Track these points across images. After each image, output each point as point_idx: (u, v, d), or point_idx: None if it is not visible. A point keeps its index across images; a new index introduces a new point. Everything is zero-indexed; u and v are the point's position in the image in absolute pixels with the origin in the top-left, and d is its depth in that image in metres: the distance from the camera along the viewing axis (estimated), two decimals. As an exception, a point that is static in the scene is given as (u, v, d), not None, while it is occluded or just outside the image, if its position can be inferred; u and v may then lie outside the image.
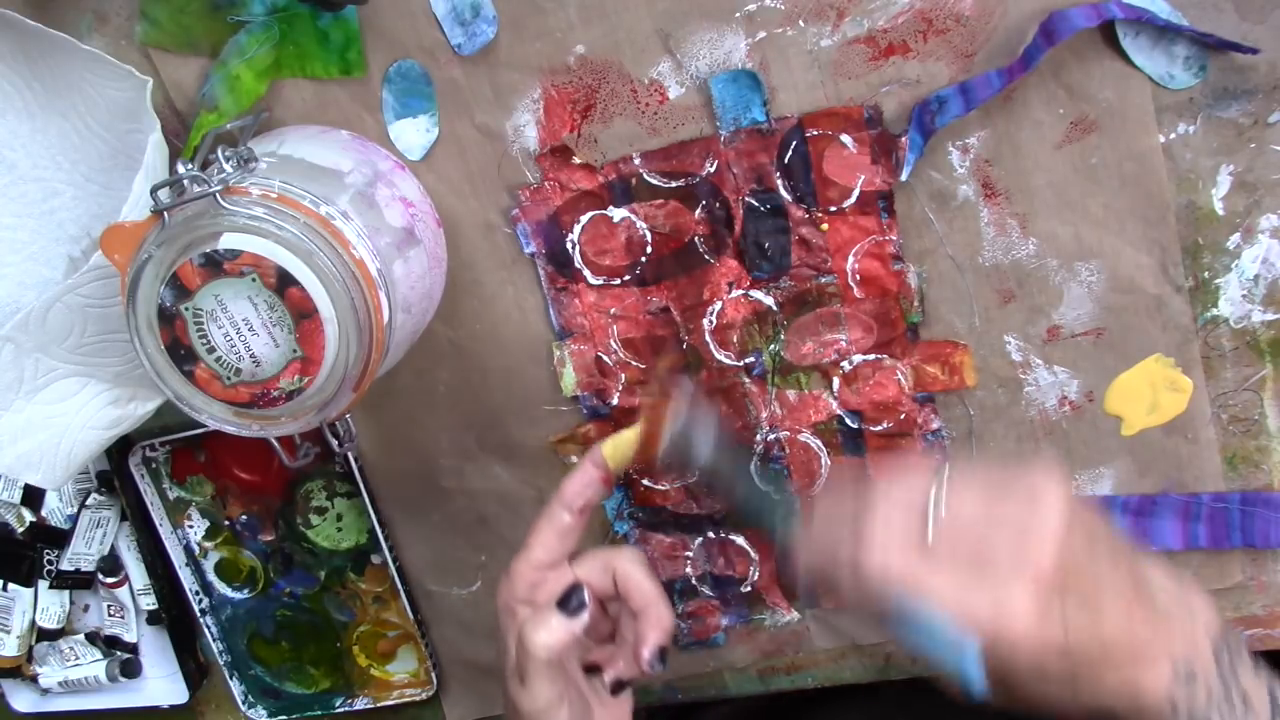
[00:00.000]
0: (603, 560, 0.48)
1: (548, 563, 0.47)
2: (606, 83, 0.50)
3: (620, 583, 0.47)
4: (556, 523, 0.47)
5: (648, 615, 0.47)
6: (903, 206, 0.51)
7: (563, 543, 0.47)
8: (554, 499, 0.47)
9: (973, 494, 0.39)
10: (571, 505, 0.47)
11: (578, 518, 0.47)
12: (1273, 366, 0.50)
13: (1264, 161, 0.47)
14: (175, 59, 0.53)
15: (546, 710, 0.45)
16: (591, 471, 0.47)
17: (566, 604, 0.45)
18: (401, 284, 0.48)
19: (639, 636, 0.47)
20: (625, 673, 0.48)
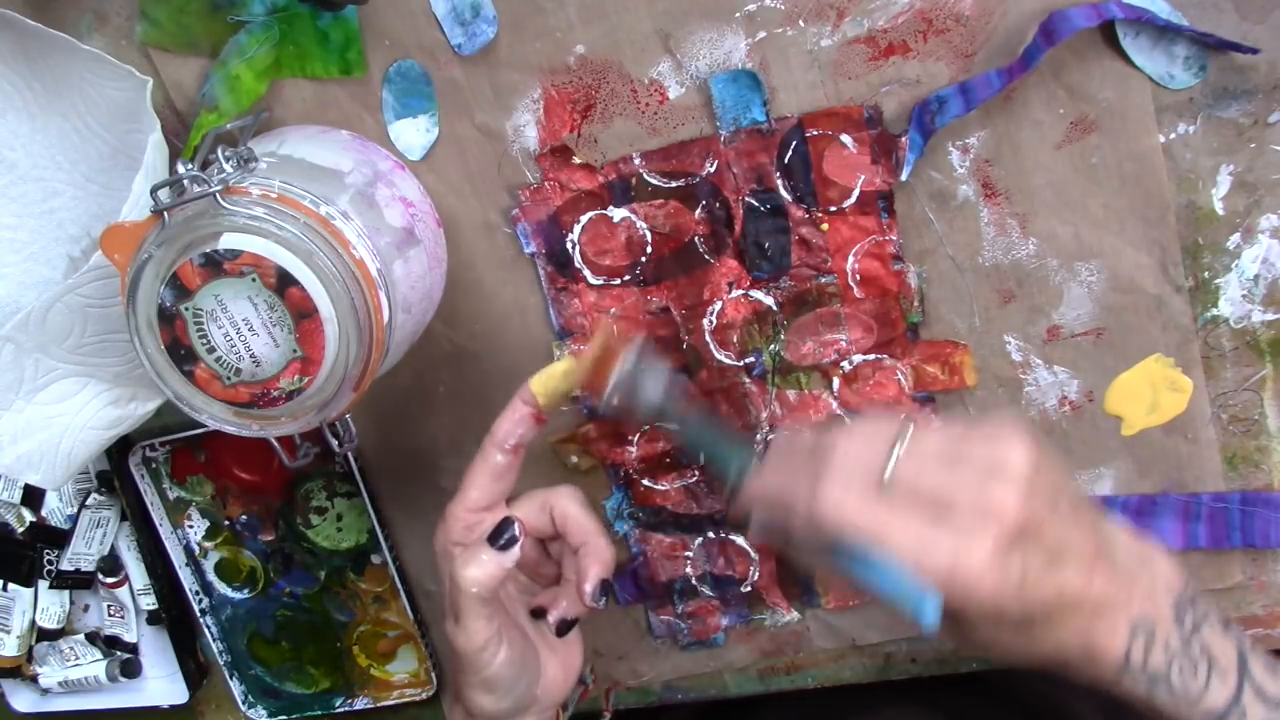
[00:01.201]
0: (540, 500, 0.48)
1: (484, 504, 0.47)
2: (606, 83, 0.50)
3: (559, 520, 0.47)
4: (490, 463, 0.47)
5: (587, 549, 0.46)
6: (903, 206, 0.51)
7: (497, 484, 0.47)
8: (486, 440, 0.47)
9: (936, 440, 0.38)
10: (503, 444, 0.47)
11: (511, 457, 0.47)
12: (1273, 366, 0.50)
13: (1264, 161, 0.47)
14: (175, 59, 0.53)
15: (484, 649, 0.45)
16: (521, 409, 0.47)
17: (497, 538, 0.45)
18: (401, 284, 0.48)
19: (580, 571, 0.46)
20: (569, 612, 0.48)
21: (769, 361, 0.55)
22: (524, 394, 0.47)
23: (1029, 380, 0.52)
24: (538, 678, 0.48)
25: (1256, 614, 0.55)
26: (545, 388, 0.47)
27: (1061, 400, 0.52)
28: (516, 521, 0.45)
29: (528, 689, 0.47)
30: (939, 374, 0.53)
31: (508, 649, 0.45)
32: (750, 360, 0.55)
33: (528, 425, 0.47)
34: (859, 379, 0.54)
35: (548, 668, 0.49)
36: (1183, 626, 0.39)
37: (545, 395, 0.47)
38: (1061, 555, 0.37)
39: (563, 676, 0.49)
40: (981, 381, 0.53)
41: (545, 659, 0.49)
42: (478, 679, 0.46)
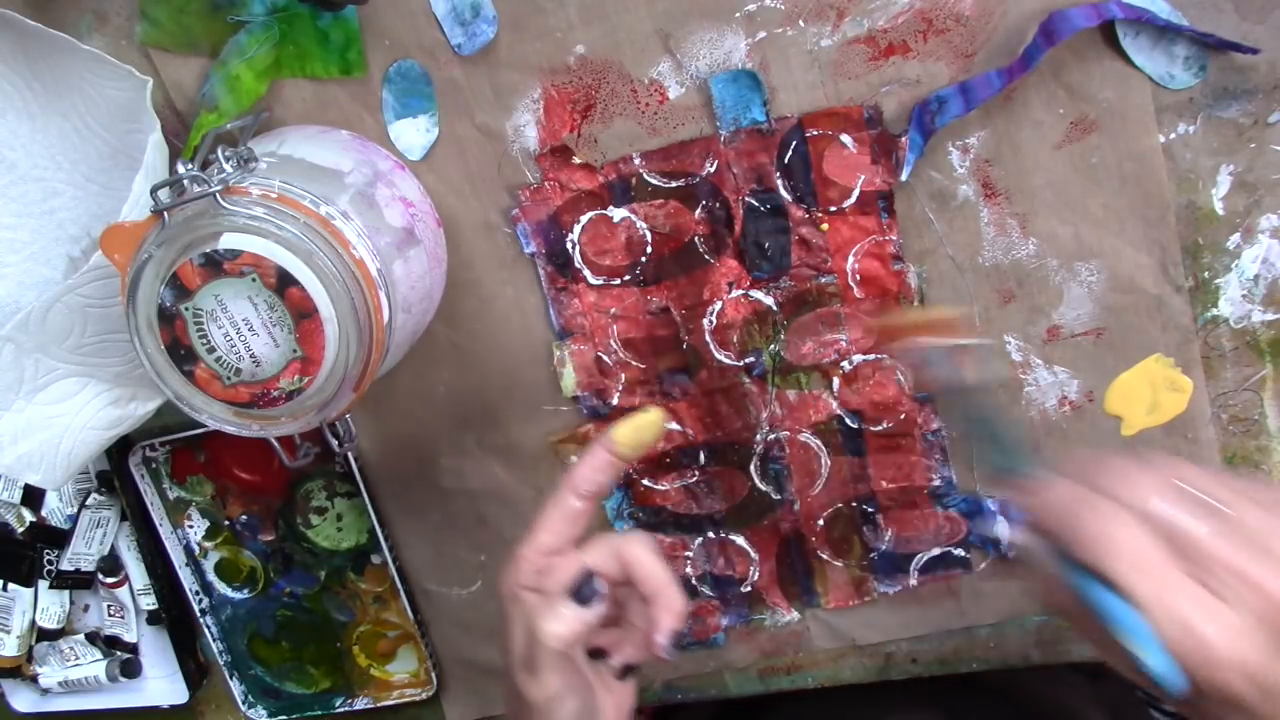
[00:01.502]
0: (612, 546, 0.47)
1: (555, 548, 0.46)
2: (606, 83, 0.50)
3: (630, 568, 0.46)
4: (565, 507, 0.46)
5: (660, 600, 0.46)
6: (903, 206, 0.51)
7: (571, 528, 0.46)
8: (563, 482, 0.46)
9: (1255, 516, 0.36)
10: (580, 490, 0.46)
11: (587, 503, 0.46)
12: (1273, 366, 0.50)
13: (1264, 161, 0.47)
14: (175, 59, 0.53)
15: (555, 700, 0.44)
16: (603, 455, 0.46)
17: (579, 593, 0.44)
18: (401, 284, 0.48)
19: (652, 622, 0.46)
20: (633, 657, 0.47)
21: (769, 361, 0.55)
22: (607, 441, 0.46)
23: (1029, 380, 0.52)
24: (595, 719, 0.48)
25: (1256, 614, 0.55)
26: (630, 437, 0.46)
27: (1061, 400, 0.52)
28: (598, 577, 0.44)
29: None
30: (939, 374, 0.53)
31: (575, 698, 0.45)
32: (750, 360, 0.55)
33: (607, 472, 0.46)
34: (859, 379, 0.54)
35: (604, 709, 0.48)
36: None
37: (628, 445, 0.46)
38: None
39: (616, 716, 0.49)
40: (981, 381, 0.53)
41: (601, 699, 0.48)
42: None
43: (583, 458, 0.46)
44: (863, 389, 0.54)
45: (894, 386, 0.54)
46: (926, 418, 0.54)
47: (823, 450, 0.56)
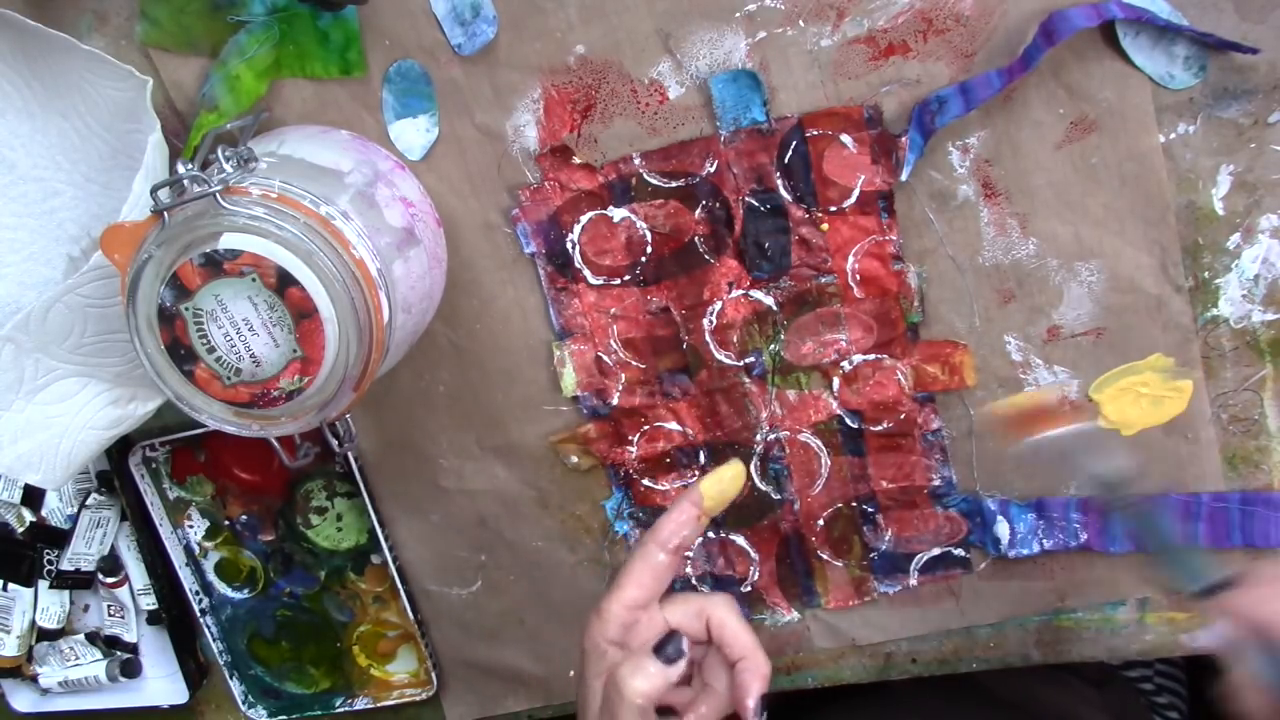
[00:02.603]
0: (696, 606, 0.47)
1: (641, 602, 0.46)
2: (606, 83, 0.50)
3: (715, 630, 0.47)
4: (651, 562, 0.46)
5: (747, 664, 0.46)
6: (903, 206, 0.51)
7: (656, 583, 0.47)
8: (648, 536, 0.47)
9: None
10: (666, 544, 0.46)
11: (672, 557, 0.47)
12: (1273, 366, 0.50)
13: (1264, 161, 0.47)
14: (175, 59, 0.53)
15: None
16: (689, 510, 0.46)
17: (663, 651, 0.44)
18: (401, 284, 0.48)
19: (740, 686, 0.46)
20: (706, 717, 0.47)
21: (769, 361, 0.55)
22: (693, 495, 0.47)
23: (1029, 380, 0.52)
24: None
25: (1256, 614, 0.55)
26: (715, 490, 0.47)
27: (1061, 400, 0.52)
28: (684, 637, 0.45)
29: None
30: (939, 374, 0.53)
31: None
32: (750, 360, 0.55)
33: (693, 527, 0.47)
34: (859, 379, 0.54)
35: None
36: None
37: (714, 499, 0.47)
38: None
39: None
40: (981, 381, 0.53)
41: None
42: None
43: (669, 512, 0.47)
44: (863, 389, 0.54)
45: (894, 386, 0.54)
46: (926, 418, 0.54)
47: (823, 450, 0.56)
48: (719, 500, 0.47)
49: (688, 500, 0.46)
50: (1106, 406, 0.52)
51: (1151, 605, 0.56)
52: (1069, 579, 0.56)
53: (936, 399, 0.54)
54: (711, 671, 0.48)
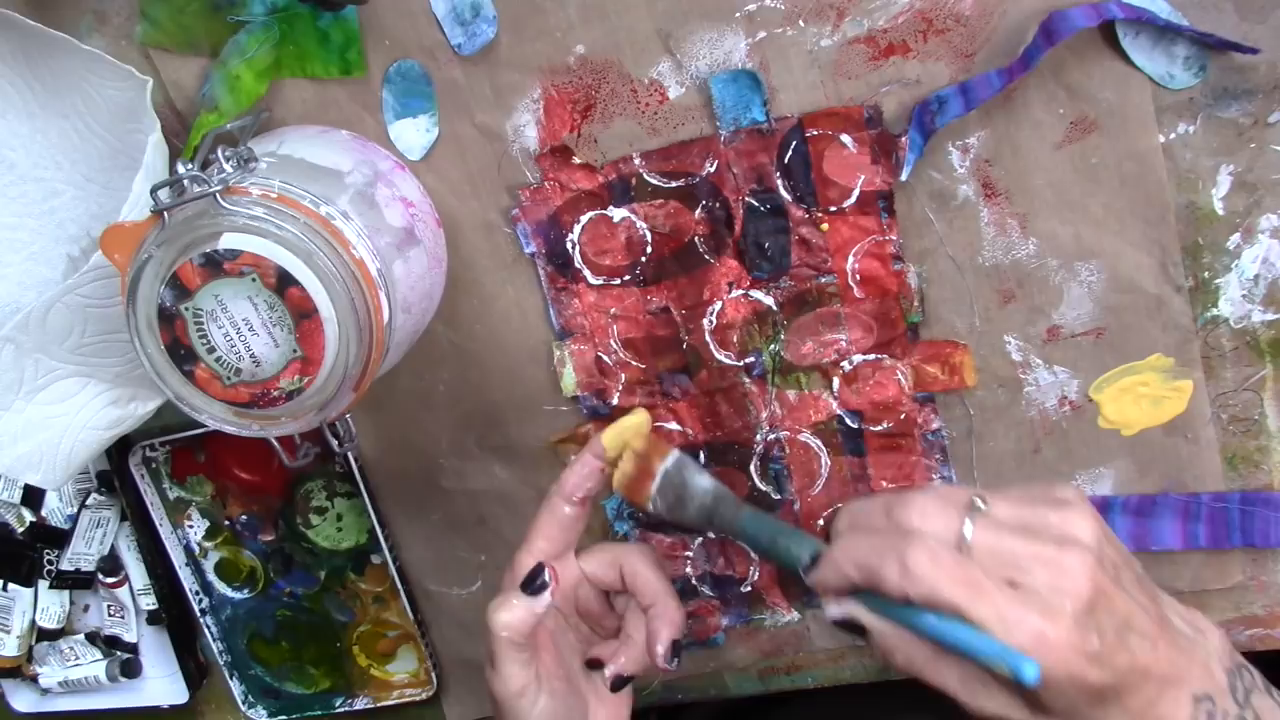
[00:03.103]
0: (610, 555, 0.48)
1: (551, 554, 0.46)
2: (606, 83, 0.50)
3: (628, 578, 0.47)
4: (558, 515, 0.47)
5: (658, 611, 0.46)
6: (903, 206, 0.51)
7: (565, 535, 0.47)
8: (554, 490, 0.47)
9: (1006, 508, 0.38)
10: (572, 496, 0.47)
11: (579, 509, 0.47)
12: (1273, 366, 0.50)
13: (1264, 161, 0.47)
14: (175, 59, 0.53)
15: (520, 695, 0.45)
16: (591, 462, 0.47)
17: (529, 584, 0.45)
18: (401, 284, 0.48)
19: (651, 632, 0.46)
20: (626, 668, 0.48)
21: (769, 361, 0.55)
22: (595, 447, 0.47)
23: (1029, 380, 0.52)
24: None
25: (1256, 614, 0.55)
26: (617, 441, 0.47)
27: (1061, 400, 0.52)
28: (548, 568, 0.45)
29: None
30: (939, 374, 0.53)
31: (548, 698, 0.45)
32: (750, 360, 0.55)
33: (597, 479, 0.47)
34: (859, 379, 0.54)
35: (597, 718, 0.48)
36: (1237, 696, 0.39)
37: (616, 449, 0.47)
38: (1129, 626, 0.37)
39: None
40: (981, 381, 0.53)
41: (594, 709, 0.48)
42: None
43: (572, 465, 0.47)
44: (863, 389, 0.54)
45: (894, 386, 0.54)
46: (926, 418, 0.54)
47: (823, 450, 0.56)
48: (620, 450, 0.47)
49: (590, 452, 0.47)
50: (1106, 406, 0.52)
51: (1151, 605, 0.56)
52: (1069, 579, 0.56)
53: (936, 399, 0.54)
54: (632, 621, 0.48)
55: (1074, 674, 0.36)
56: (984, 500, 0.38)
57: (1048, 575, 0.36)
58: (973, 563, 0.37)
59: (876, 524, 0.39)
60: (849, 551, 0.39)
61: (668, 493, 0.46)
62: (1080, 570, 0.36)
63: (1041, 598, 0.36)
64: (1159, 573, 0.54)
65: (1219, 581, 0.54)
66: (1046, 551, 0.37)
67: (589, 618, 0.50)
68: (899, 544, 0.37)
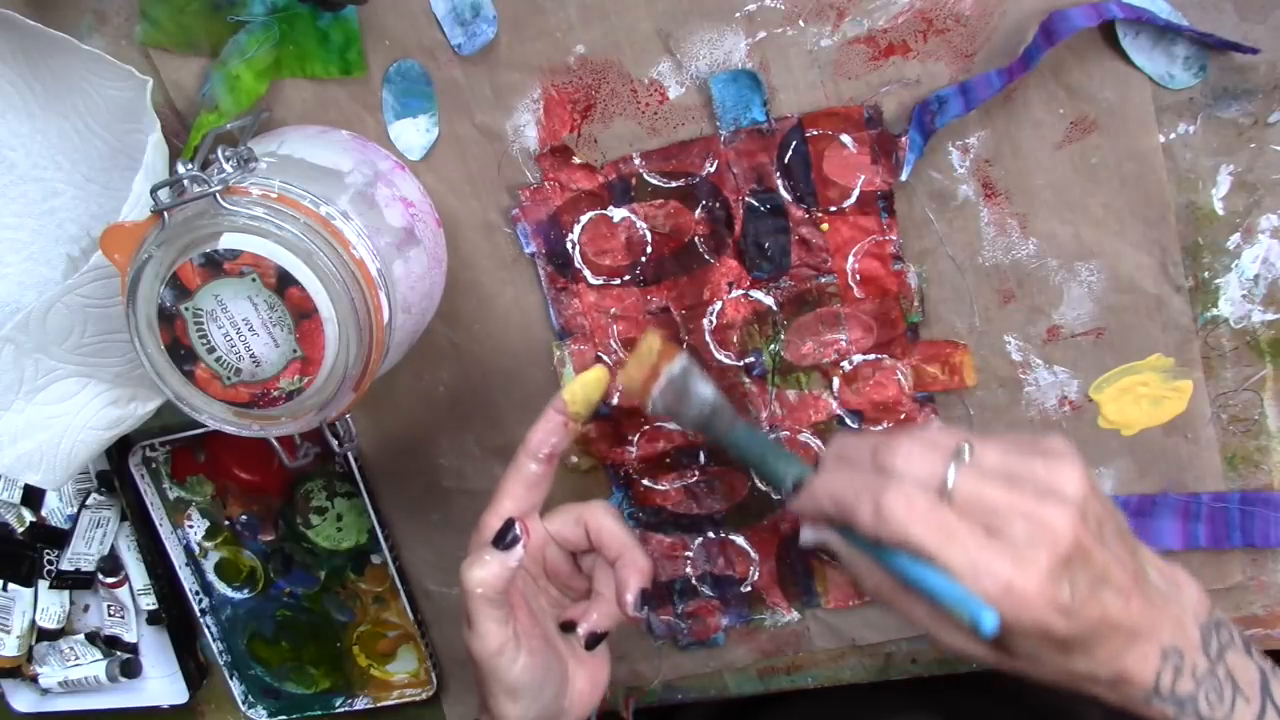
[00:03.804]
0: (574, 513, 0.48)
1: (517, 513, 0.46)
2: (606, 83, 0.50)
3: (593, 534, 0.47)
4: (524, 472, 0.47)
5: (624, 561, 0.47)
6: (903, 206, 0.51)
7: (531, 493, 0.47)
8: (519, 450, 0.47)
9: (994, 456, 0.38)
10: (537, 454, 0.47)
11: (545, 466, 0.47)
12: (1273, 366, 0.50)
13: (1264, 161, 0.47)
14: (175, 59, 0.53)
15: (499, 654, 0.45)
16: (555, 418, 0.47)
17: (501, 539, 0.45)
18: (401, 284, 0.48)
19: (619, 583, 0.46)
20: (599, 625, 0.48)
21: (769, 361, 0.55)
22: (557, 403, 0.47)
23: (1029, 380, 0.52)
24: (565, 689, 0.48)
25: (1256, 614, 0.55)
26: (578, 396, 0.47)
27: (1061, 400, 0.52)
28: (519, 522, 0.45)
29: (554, 699, 0.47)
30: (939, 374, 0.53)
31: (528, 656, 0.45)
32: (750, 360, 0.55)
33: (560, 434, 0.47)
34: (859, 379, 0.54)
35: (576, 680, 0.48)
36: (1209, 652, 0.40)
37: (578, 403, 0.47)
38: (1105, 580, 0.37)
39: (590, 689, 0.49)
40: (981, 381, 0.53)
41: (573, 671, 0.48)
42: (500, 687, 0.45)
43: (536, 423, 0.47)
44: (863, 389, 0.54)
45: (894, 386, 0.54)
46: (926, 418, 0.54)
47: (823, 450, 0.56)
48: (584, 405, 0.47)
49: (552, 409, 0.47)
50: (1106, 406, 0.52)
51: (1151, 605, 0.56)
52: (1069, 579, 0.56)
53: (936, 399, 0.54)
54: (601, 578, 0.48)
55: (1040, 623, 0.36)
56: (971, 447, 0.38)
57: (1027, 526, 0.36)
58: (947, 509, 0.37)
59: (860, 461, 0.39)
60: (828, 485, 0.40)
61: (669, 394, 0.46)
62: (1061, 523, 0.36)
63: (1017, 548, 0.36)
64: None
65: (1219, 581, 0.54)
66: (1028, 503, 0.37)
67: (558, 579, 0.50)
68: (876, 484, 0.38)
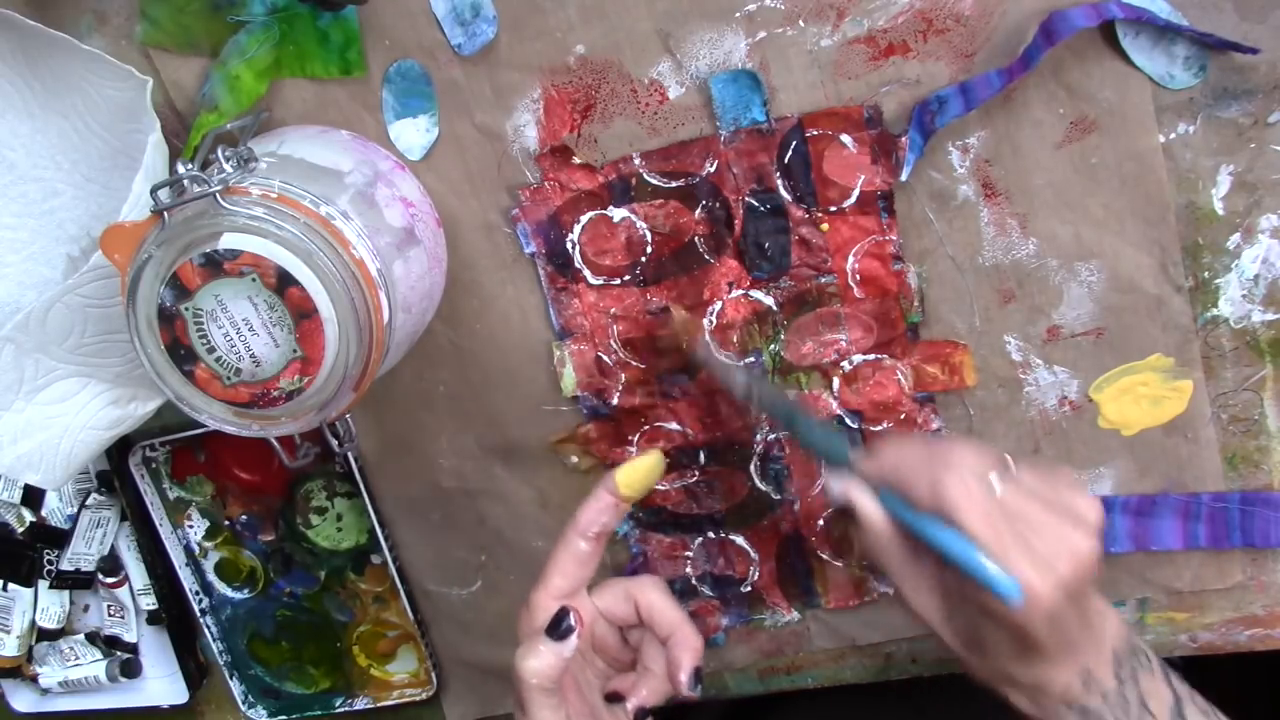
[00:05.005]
0: (623, 589, 0.48)
1: (567, 590, 0.47)
2: (606, 83, 0.50)
3: (644, 610, 0.48)
4: (573, 550, 0.47)
5: (676, 639, 0.47)
6: (903, 206, 0.51)
7: (581, 570, 0.48)
8: (569, 527, 0.47)
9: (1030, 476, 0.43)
10: (587, 532, 0.47)
11: (594, 544, 0.48)
12: (1273, 366, 0.50)
13: (1264, 161, 0.47)
14: (175, 59, 0.53)
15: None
16: (606, 498, 0.47)
17: (555, 629, 0.45)
18: (401, 284, 0.48)
19: (672, 661, 0.47)
20: (648, 700, 0.48)
21: (769, 361, 0.55)
22: (608, 484, 0.48)
23: (1029, 380, 0.52)
24: None
25: (1256, 614, 0.55)
26: (630, 479, 0.48)
27: (1061, 400, 0.52)
28: (573, 611, 0.45)
29: None
30: (939, 374, 0.53)
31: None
32: (750, 360, 0.55)
33: (611, 514, 0.48)
34: (859, 379, 0.54)
35: None
36: (1120, 675, 0.44)
37: (629, 486, 0.48)
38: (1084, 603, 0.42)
39: None
40: (981, 381, 0.53)
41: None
42: None
43: (586, 501, 0.48)
44: (863, 389, 0.54)
45: (894, 386, 0.54)
46: (926, 418, 0.54)
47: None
48: (635, 488, 0.48)
49: (604, 489, 0.47)
50: (1106, 406, 0.52)
51: (1151, 605, 0.56)
52: (1069, 579, 0.56)
53: (936, 399, 0.54)
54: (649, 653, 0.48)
55: (1033, 625, 0.41)
56: (1013, 464, 0.43)
57: (1053, 542, 0.41)
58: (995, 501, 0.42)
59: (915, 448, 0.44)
60: (895, 456, 0.45)
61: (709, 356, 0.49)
62: (1084, 545, 0.41)
63: (1042, 556, 0.41)
64: (1159, 572, 0.55)
65: (1219, 581, 0.54)
66: (1058, 522, 0.42)
67: (604, 653, 0.51)
68: (938, 467, 0.43)
